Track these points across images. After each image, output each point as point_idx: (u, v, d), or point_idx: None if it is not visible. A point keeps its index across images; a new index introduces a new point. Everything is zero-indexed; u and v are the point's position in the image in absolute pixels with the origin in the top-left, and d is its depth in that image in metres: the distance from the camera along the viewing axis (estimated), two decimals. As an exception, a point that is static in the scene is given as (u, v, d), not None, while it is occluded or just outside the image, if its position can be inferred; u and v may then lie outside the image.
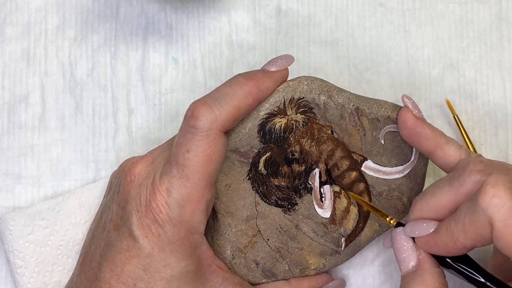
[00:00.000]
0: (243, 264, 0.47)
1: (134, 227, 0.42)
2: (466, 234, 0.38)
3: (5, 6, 0.53)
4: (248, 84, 0.43)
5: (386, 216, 0.44)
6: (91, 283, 0.44)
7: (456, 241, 0.39)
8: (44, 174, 0.52)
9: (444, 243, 0.39)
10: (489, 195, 0.37)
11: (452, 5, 0.53)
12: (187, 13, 0.53)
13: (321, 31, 0.53)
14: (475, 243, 0.38)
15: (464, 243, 0.38)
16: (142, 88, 0.53)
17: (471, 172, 0.39)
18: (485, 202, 0.37)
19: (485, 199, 0.37)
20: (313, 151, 0.46)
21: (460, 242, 0.38)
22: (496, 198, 0.36)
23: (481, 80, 0.52)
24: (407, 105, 0.45)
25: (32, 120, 0.52)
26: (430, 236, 0.40)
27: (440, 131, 0.45)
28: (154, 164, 0.44)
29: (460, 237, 0.38)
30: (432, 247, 0.40)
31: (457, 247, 0.39)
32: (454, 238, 0.39)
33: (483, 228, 0.37)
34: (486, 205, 0.37)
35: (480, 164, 0.40)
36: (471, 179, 0.39)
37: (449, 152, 0.44)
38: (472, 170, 0.39)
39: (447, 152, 0.44)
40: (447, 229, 0.39)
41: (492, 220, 0.36)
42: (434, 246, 0.40)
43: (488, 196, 0.37)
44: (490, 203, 0.37)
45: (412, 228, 0.41)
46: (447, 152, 0.44)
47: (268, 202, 0.47)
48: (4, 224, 0.49)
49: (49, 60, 0.53)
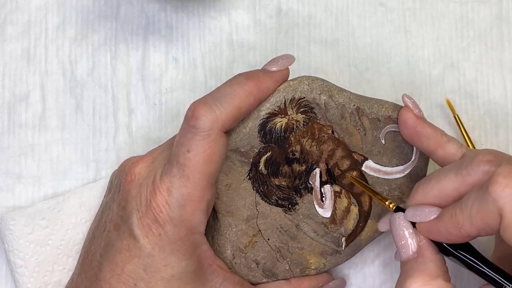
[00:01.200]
0: (244, 263, 0.47)
1: (135, 227, 0.42)
2: (472, 223, 0.37)
3: (6, 5, 0.53)
4: (249, 84, 0.43)
5: (385, 200, 0.43)
6: (91, 282, 0.44)
7: (460, 229, 0.38)
8: (44, 173, 0.52)
9: (447, 230, 0.39)
10: (501, 185, 0.36)
11: (453, 4, 0.53)
12: (187, 13, 0.53)
13: (321, 31, 0.53)
14: (480, 232, 0.38)
15: (469, 231, 0.38)
16: (143, 88, 0.53)
17: (480, 162, 0.39)
18: (496, 192, 0.36)
19: (497, 189, 0.36)
20: (313, 151, 0.46)
21: (464, 230, 0.38)
22: (509, 188, 0.36)
23: (482, 79, 0.52)
24: (407, 105, 0.45)
25: (33, 119, 0.52)
26: (433, 222, 0.40)
27: (440, 130, 0.45)
28: (154, 164, 0.44)
29: (465, 225, 0.38)
30: (434, 233, 0.40)
31: (461, 234, 0.38)
32: (458, 226, 0.38)
33: (491, 218, 0.36)
34: (497, 195, 0.36)
35: (489, 155, 0.39)
36: (480, 169, 0.39)
37: (450, 150, 0.44)
38: (482, 161, 0.39)
39: (448, 151, 0.44)
40: (452, 216, 0.38)
41: (502, 211, 0.36)
42: (436, 232, 0.40)
43: (500, 186, 0.36)
44: (501, 193, 0.36)
45: (413, 213, 0.41)
46: (448, 150, 0.44)
47: (269, 202, 0.47)
48: (4, 224, 0.49)
49: (50, 60, 0.53)
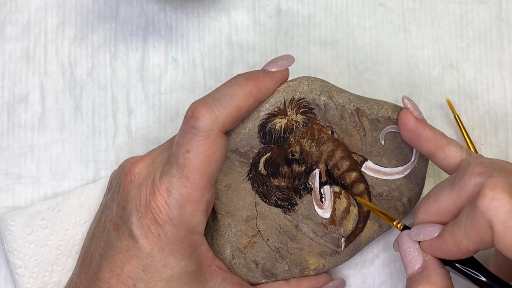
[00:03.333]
0: (243, 264, 0.47)
1: (134, 227, 0.42)
2: (469, 238, 0.38)
3: (5, 5, 0.53)
4: (249, 85, 0.43)
5: (393, 220, 0.44)
6: (90, 283, 0.44)
7: (459, 245, 0.38)
8: (44, 174, 0.52)
9: (448, 247, 0.39)
10: (488, 198, 0.36)
11: (452, 5, 0.53)
12: (187, 13, 0.53)
13: (321, 31, 0.53)
14: (478, 247, 0.38)
15: (468, 246, 0.38)
16: (142, 88, 0.52)
17: (471, 174, 0.39)
18: (484, 205, 0.36)
19: (484, 202, 0.36)
20: (313, 152, 0.46)
21: (463, 246, 0.38)
22: (495, 201, 0.36)
23: (481, 80, 0.52)
24: (407, 107, 0.45)
25: (32, 120, 0.52)
26: (434, 241, 0.40)
27: (441, 132, 0.45)
28: (154, 164, 0.44)
29: (463, 241, 0.38)
30: (437, 251, 0.40)
31: (461, 251, 0.39)
32: (457, 243, 0.38)
33: (483, 232, 0.37)
34: (485, 208, 0.36)
35: (480, 166, 0.39)
36: (471, 182, 0.39)
37: (450, 153, 0.44)
38: (473, 173, 0.39)
39: (448, 153, 0.44)
40: (451, 233, 0.39)
41: (492, 224, 0.36)
42: (438, 250, 0.40)
43: (486, 199, 0.36)
44: (489, 206, 0.36)
45: (417, 232, 0.41)
46: (448, 153, 0.44)
47: (268, 203, 0.47)
48: (4, 224, 0.49)
49: (49, 60, 0.53)
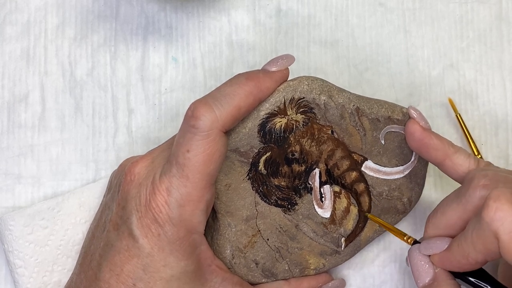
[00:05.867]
0: (243, 264, 0.47)
1: (134, 227, 0.42)
2: (476, 249, 0.38)
3: (5, 5, 0.53)
4: (249, 84, 0.43)
5: (404, 235, 0.44)
6: (90, 282, 0.44)
7: (468, 257, 0.39)
8: (44, 174, 0.52)
9: (457, 260, 0.40)
10: (492, 209, 0.37)
11: (452, 5, 0.53)
12: (187, 13, 0.53)
13: (321, 31, 0.53)
14: (486, 257, 0.38)
15: (476, 258, 0.39)
16: (142, 88, 0.52)
17: (476, 187, 0.40)
18: (488, 217, 0.37)
19: (489, 214, 0.37)
20: (313, 151, 0.46)
21: (471, 257, 0.39)
22: (500, 211, 0.37)
23: (481, 80, 0.52)
24: (413, 117, 0.45)
25: (32, 119, 0.52)
26: (443, 254, 0.41)
27: (448, 140, 0.45)
28: (154, 164, 0.44)
29: (471, 253, 0.39)
30: (446, 263, 0.41)
31: (470, 262, 0.39)
32: (465, 255, 0.39)
33: (490, 242, 0.37)
34: (490, 219, 0.37)
35: (484, 179, 0.40)
36: (476, 195, 0.40)
37: (458, 161, 0.44)
38: (477, 186, 0.40)
39: (456, 162, 0.44)
40: (459, 245, 0.40)
41: (497, 234, 0.37)
42: (448, 262, 0.41)
43: (491, 210, 0.37)
44: (493, 217, 0.37)
45: (426, 246, 0.42)
46: (456, 161, 0.44)
47: (268, 202, 0.47)
48: (4, 224, 0.49)
49: (49, 60, 0.53)
